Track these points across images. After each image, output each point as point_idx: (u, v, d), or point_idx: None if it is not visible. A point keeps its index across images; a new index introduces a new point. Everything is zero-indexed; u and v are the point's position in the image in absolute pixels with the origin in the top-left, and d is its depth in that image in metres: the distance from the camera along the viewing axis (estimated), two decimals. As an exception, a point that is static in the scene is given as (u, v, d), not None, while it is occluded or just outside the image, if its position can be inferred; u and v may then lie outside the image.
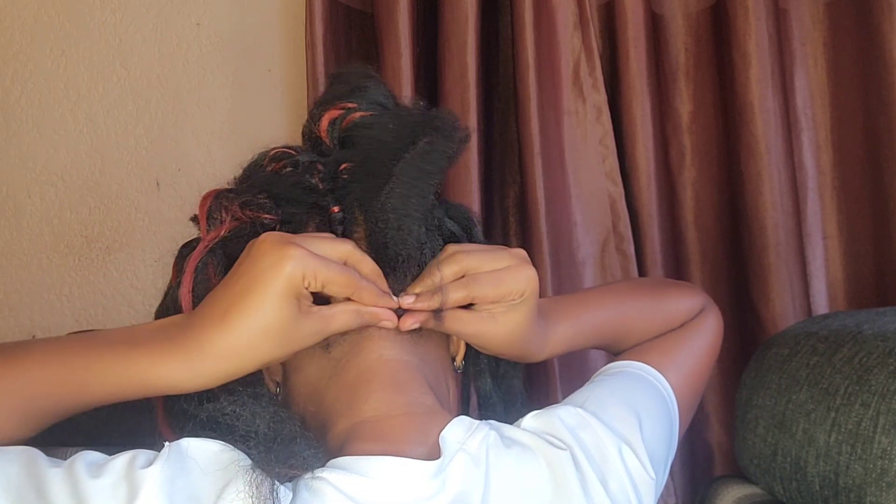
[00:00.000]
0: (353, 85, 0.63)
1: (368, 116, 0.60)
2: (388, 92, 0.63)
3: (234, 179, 0.62)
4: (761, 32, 1.06)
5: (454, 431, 0.52)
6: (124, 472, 0.46)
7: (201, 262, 0.56)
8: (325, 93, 0.64)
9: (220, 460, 0.47)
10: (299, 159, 0.60)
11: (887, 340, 0.74)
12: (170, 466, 0.46)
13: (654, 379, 0.66)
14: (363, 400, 0.54)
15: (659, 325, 0.73)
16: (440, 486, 0.49)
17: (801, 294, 1.07)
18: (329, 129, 0.61)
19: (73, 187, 1.21)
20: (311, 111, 0.63)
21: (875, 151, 1.10)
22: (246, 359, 0.51)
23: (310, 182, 0.59)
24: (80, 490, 0.45)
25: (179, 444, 0.48)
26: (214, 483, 0.46)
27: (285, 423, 0.51)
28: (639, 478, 0.56)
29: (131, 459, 0.47)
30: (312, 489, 0.47)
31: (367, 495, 0.47)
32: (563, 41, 1.08)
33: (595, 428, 0.56)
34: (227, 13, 1.22)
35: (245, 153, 0.65)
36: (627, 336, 0.72)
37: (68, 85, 1.21)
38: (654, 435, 0.61)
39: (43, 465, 0.47)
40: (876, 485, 0.69)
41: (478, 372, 0.66)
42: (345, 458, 0.50)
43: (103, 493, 0.44)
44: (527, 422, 0.56)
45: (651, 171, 1.10)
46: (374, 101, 0.62)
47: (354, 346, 0.57)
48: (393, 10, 1.07)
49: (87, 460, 0.47)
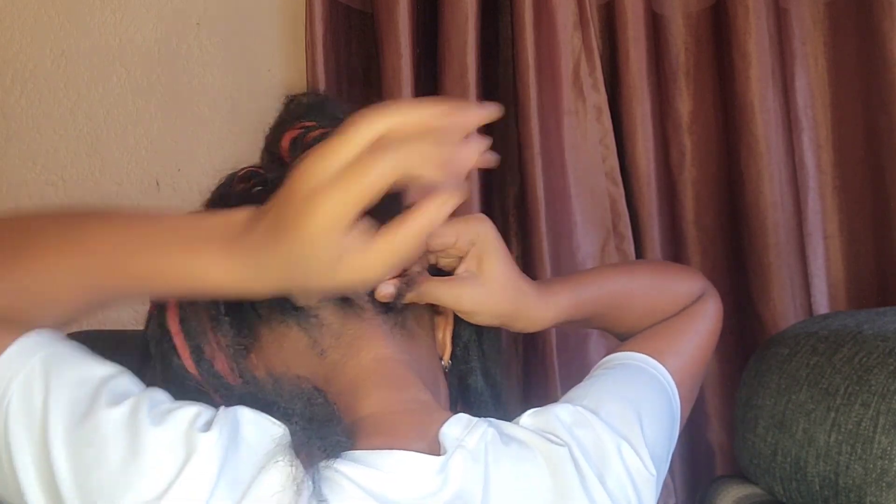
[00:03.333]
0: (309, 103, 0.63)
1: (329, 132, 0.61)
2: (344, 107, 0.63)
3: (205, 203, 0.61)
4: (761, 32, 1.06)
5: (453, 428, 0.52)
6: (185, 431, 0.46)
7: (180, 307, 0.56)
8: (280, 115, 0.64)
9: (268, 438, 0.48)
10: (268, 177, 0.60)
11: (887, 340, 0.74)
12: (224, 436, 0.46)
13: (654, 371, 0.66)
14: (363, 398, 0.54)
15: (660, 305, 0.72)
16: (443, 482, 0.49)
17: (801, 294, 1.07)
18: (291, 149, 0.61)
19: (73, 187, 1.21)
20: (268, 135, 0.63)
21: (876, 151, 1.10)
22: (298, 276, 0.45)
23: None
24: (139, 437, 0.45)
25: (235, 411, 0.48)
26: (257, 460, 0.46)
27: (320, 405, 0.52)
28: (638, 475, 0.56)
29: (194, 418, 0.47)
30: (326, 479, 0.47)
31: (380, 488, 0.48)
32: (563, 41, 1.08)
33: (594, 426, 0.56)
34: (227, 13, 1.22)
35: (245, 153, 0.65)
36: (628, 313, 0.71)
37: (68, 85, 1.21)
38: (655, 431, 0.61)
39: (105, 401, 0.46)
40: (876, 485, 0.69)
41: (469, 369, 0.66)
42: (355, 452, 0.50)
43: (161, 448, 0.45)
44: (525, 419, 0.56)
45: (651, 171, 1.10)
46: (333, 116, 0.62)
47: (350, 349, 0.57)
48: (393, 10, 1.07)
49: (154, 400, 0.48)
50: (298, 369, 0.57)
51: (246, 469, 0.46)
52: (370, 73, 1.15)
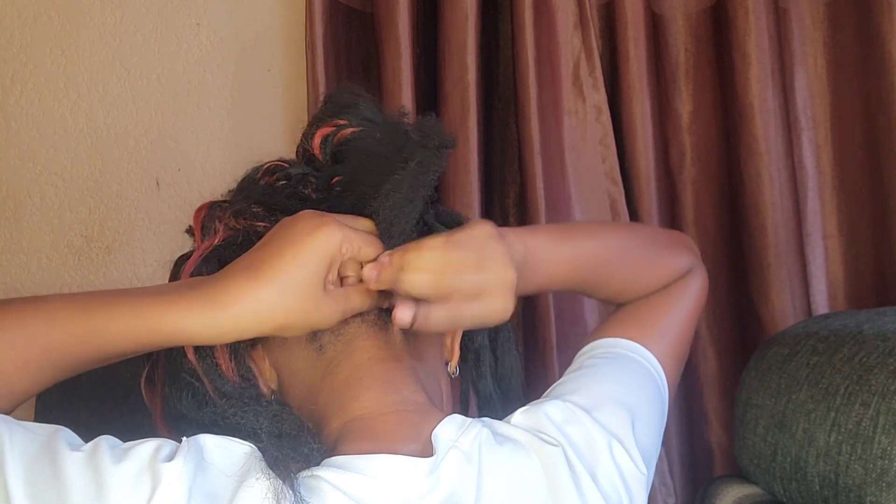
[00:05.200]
0: (344, 103, 0.64)
1: (359, 131, 0.62)
2: (376, 108, 0.64)
3: (229, 193, 0.63)
4: (761, 32, 1.06)
5: (447, 429, 0.52)
6: (148, 462, 0.46)
7: (196, 271, 0.57)
8: (318, 112, 0.65)
9: (237, 456, 0.48)
10: (292, 172, 0.61)
11: (887, 340, 0.74)
12: (190, 461, 0.46)
13: (642, 359, 0.65)
14: (354, 398, 0.55)
15: (643, 277, 0.70)
16: (434, 484, 0.49)
17: (801, 294, 1.07)
18: (322, 146, 0.62)
19: (73, 187, 1.21)
20: (305, 130, 0.64)
21: (875, 151, 1.10)
22: (267, 318, 0.50)
23: (302, 193, 0.61)
24: (102, 475, 0.45)
25: (197, 439, 0.48)
26: (231, 480, 0.46)
27: (287, 420, 0.52)
28: (629, 474, 0.56)
29: (156, 450, 0.47)
30: (309, 487, 0.47)
31: (365, 493, 0.48)
32: (563, 41, 1.08)
33: (584, 422, 0.56)
34: (227, 13, 1.22)
35: (245, 153, 0.65)
36: (608, 279, 0.69)
37: (68, 85, 1.21)
38: (646, 430, 0.61)
39: (64, 446, 0.46)
40: (876, 485, 0.69)
41: (479, 375, 0.66)
42: (340, 457, 0.50)
43: (125, 482, 0.44)
44: (516, 418, 0.56)
45: (651, 171, 1.10)
46: (364, 116, 0.63)
47: (347, 347, 0.57)
48: (393, 10, 1.07)
49: (110, 443, 0.47)
50: (299, 363, 0.58)
51: (221, 490, 0.46)
52: (370, 73, 1.15)
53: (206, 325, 0.50)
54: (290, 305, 0.50)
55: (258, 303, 0.50)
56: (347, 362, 0.56)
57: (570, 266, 0.65)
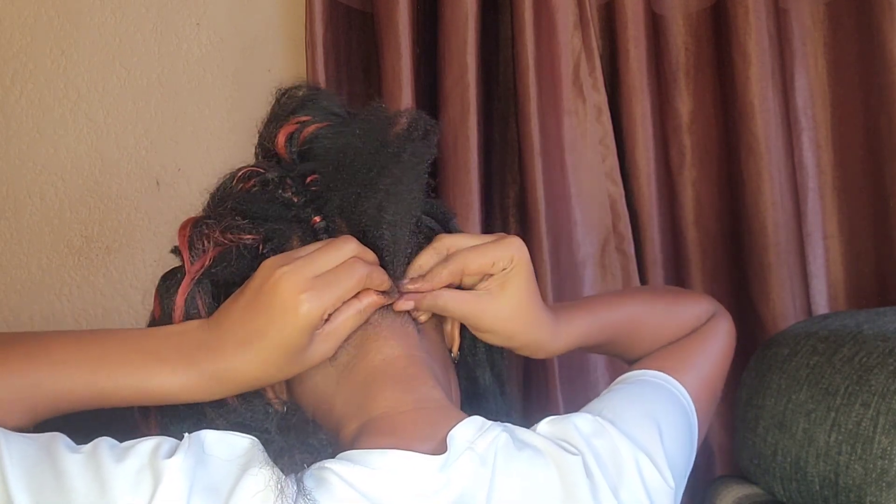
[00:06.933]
0: (302, 98, 0.63)
1: (326, 127, 0.61)
2: (336, 101, 0.64)
3: (206, 206, 0.61)
4: (761, 32, 1.06)
5: (465, 430, 0.52)
6: (149, 460, 0.46)
7: (189, 296, 0.56)
8: (273, 109, 0.64)
9: (238, 449, 0.48)
10: (268, 176, 0.60)
11: (887, 340, 0.74)
12: (190, 457, 0.46)
13: (672, 388, 0.66)
14: (373, 399, 0.55)
15: (671, 328, 0.73)
16: (445, 482, 0.49)
17: (801, 294, 1.07)
18: (287, 145, 0.61)
19: (73, 187, 1.21)
20: (262, 130, 0.63)
21: (875, 151, 1.10)
22: (259, 382, 0.55)
23: (284, 197, 0.60)
24: (104, 474, 0.45)
25: (199, 434, 0.49)
26: (233, 470, 0.47)
27: (295, 417, 0.54)
28: (656, 488, 0.56)
29: (156, 447, 0.47)
30: (318, 479, 0.47)
31: (372, 487, 0.48)
32: (563, 41, 1.08)
33: (612, 436, 0.56)
34: (227, 13, 1.22)
35: (245, 153, 0.65)
36: (639, 338, 0.72)
37: (68, 85, 1.21)
38: (674, 445, 0.60)
39: (63, 449, 0.47)
40: (876, 485, 0.69)
41: (477, 362, 0.66)
42: (353, 452, 0.50)
43: (127, 481, 0.45)
44: (542, 427, 0.56)
45: (651, 171, 1.10)
46: (328, 111, 0.62)
47: (359, 350, 0.57)
48: (393, 10, 1.07)
49: (109, 444, 0.48)
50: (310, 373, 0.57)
51: (223, 480, 0.46)
52: (370, 73, 1.15)
53: (212, 395, 0.54)
54: (288, 369, 0.54)
55: (258, 377, 0.54)
56: (362, 365, 0.56)
57: (601, 334, 0.69)
